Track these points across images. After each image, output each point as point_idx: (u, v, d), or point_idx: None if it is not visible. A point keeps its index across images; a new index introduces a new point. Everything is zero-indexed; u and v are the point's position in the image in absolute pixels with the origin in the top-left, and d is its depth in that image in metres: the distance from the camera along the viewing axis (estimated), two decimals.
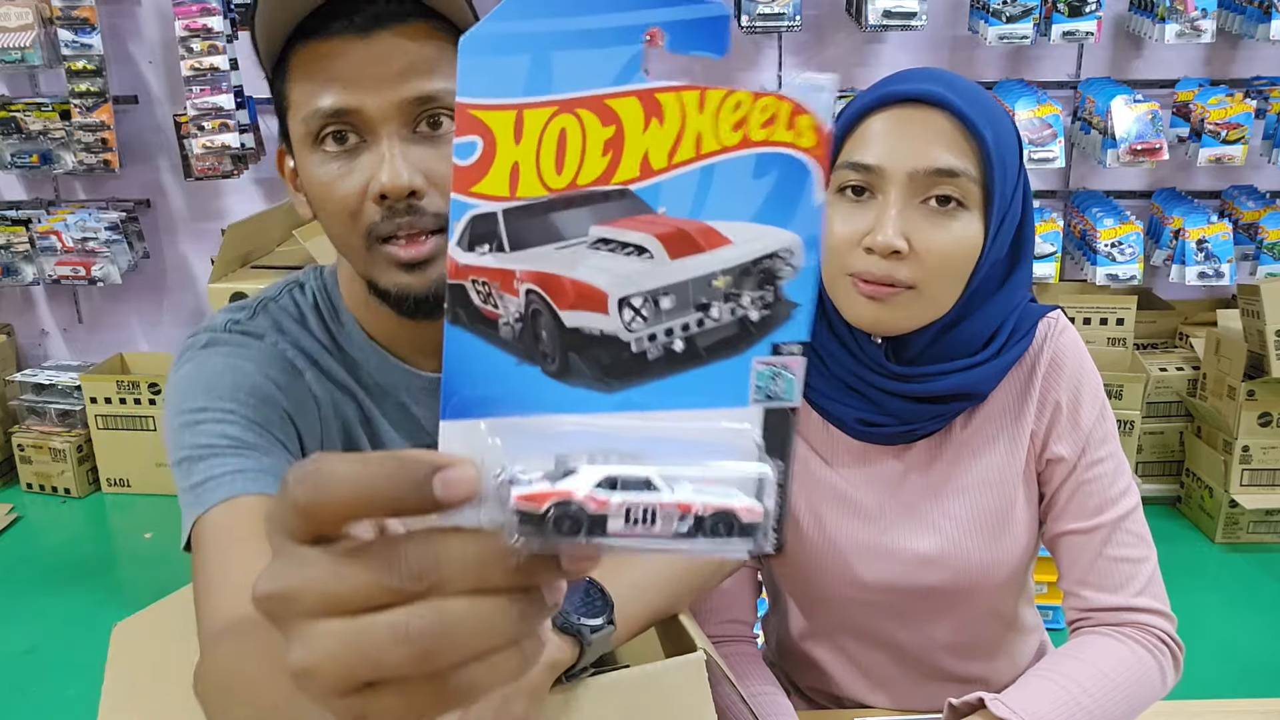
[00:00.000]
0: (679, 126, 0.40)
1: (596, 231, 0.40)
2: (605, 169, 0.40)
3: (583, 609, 0.85)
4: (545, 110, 0.39)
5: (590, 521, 0.38)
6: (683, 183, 0.40)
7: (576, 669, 0.86)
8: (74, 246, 3.51)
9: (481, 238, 0.40)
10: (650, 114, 0.40)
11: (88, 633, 2.79)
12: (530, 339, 0.41)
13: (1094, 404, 1.13)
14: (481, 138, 0.39)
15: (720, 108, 0.40)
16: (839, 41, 3.41)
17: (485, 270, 0.40)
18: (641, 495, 0.38)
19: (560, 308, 0.40)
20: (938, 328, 1.08)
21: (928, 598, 1.16)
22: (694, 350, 0.41)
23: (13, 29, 3.31)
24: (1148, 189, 3.48)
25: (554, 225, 0.40)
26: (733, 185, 0.41)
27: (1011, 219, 1.07)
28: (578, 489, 0.38)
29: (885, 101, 1.03)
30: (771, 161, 0.41)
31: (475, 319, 0.40)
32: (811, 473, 1.17)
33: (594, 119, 0.40)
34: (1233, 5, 3.08)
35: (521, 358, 0.41)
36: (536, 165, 0.40)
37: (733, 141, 0.40)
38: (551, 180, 0.40)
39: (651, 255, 0.41)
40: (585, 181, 0.40)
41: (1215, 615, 2.75)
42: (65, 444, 3.50)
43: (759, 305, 0.41)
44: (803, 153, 0.41)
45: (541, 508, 0.37)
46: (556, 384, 0.41)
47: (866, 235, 1.02)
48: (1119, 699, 1.05)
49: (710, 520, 0.38)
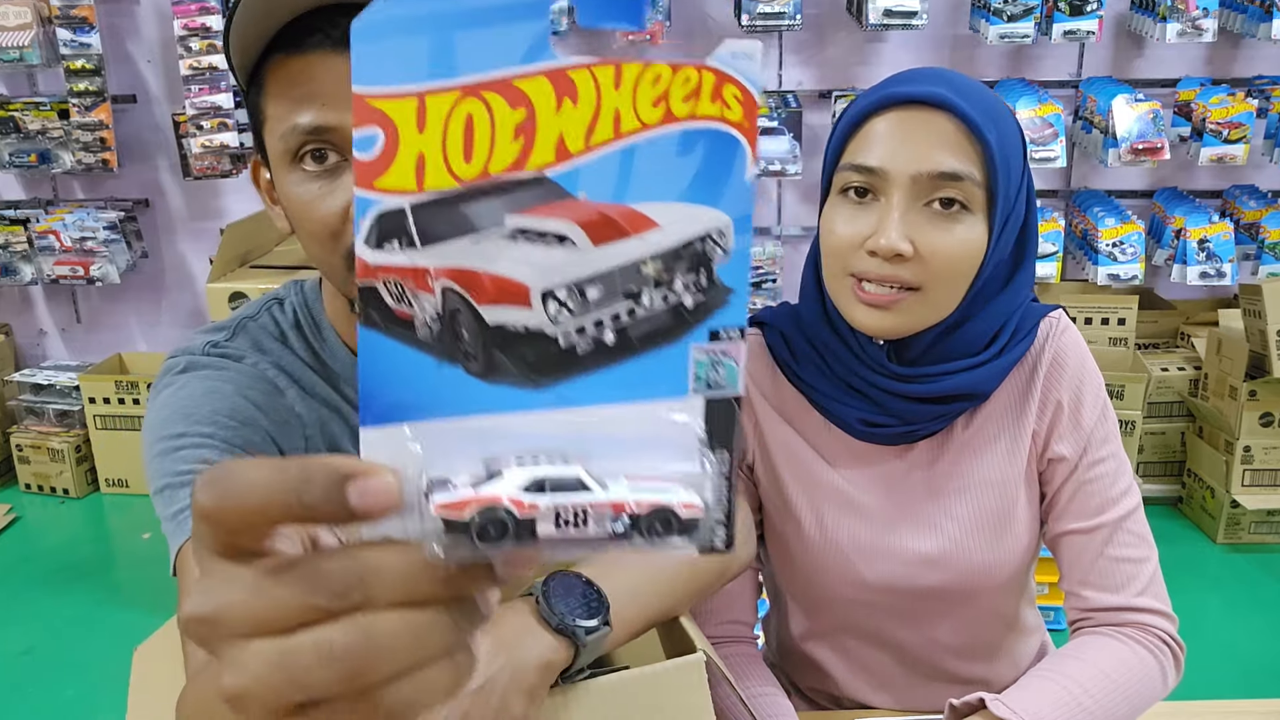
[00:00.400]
0: (594, 105, 0.38)
1: (513, 221, 0.38)
2: (518, 155, 0.38)
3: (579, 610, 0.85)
4: (449, 96, 0.37)
5: (518, 526, 0.36)
6: (602, 165, 0.38)
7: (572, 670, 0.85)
8: (72, 246, 3.51)
9: (390, 234, 0.38)
10: (563, 94, 0.38)
11: (87, 633, 2.79)
12: (450, 338, 0.39)
13: (1095, 403, 1.12)
14: (382, 129, 0.37)
15: (638, 83, 0.38)
16: (839, 41, 3.40)
17: (396, 269, 0.38)
18: (572, 496, 0.37)
19: (480, 304, 0.38)
20: (940, 329, 1.07)
21: (929, 598, 1.15)
22: (626, 341, 0.39)
23: (11, 28, 3.30)
24: (1149, 188, 3.48)
25: (467, 217, 0.38)
26: (656, 165, 0.38)
27: (1015, 220, 1.06)
28: (503, 493, 0.36)
29: (888, 103, 1.02)
30: (697, 137, 0.38)
31: (389, 320, 0.38)
32: (813, 473, 1.16)
33: (502, 102, 0.37)
34: (1234, 4, 3.07)
35: (442, 358, 0.38)
36: (444, 155, 0.37)
37: (654, 118, 0.38)
38: (461, 170, 0.38)
39: (574, 244, 0.38)
40: (497, 169, 0.38)
41: (1216, 616, 2.75)
42: (64, 444, 3.50)
43: (692, 290, 0.39)
44: (730, 126, 0.38)
45: (465, 515, 0.36)
46: (481, 384, 0.39)
47: (869, 238, 1.01)
48: (1120, 699, 1.05)
49: (646, 518, 0.37)
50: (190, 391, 0.95)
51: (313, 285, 1.06)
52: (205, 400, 0.94)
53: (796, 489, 1.17)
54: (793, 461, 1.17)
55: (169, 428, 0.93)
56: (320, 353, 1.03)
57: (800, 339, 1.15)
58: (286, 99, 0.87)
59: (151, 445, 0.94)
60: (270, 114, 0.89)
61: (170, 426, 0.93)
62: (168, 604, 0.90)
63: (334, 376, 1.02)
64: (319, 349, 1.03)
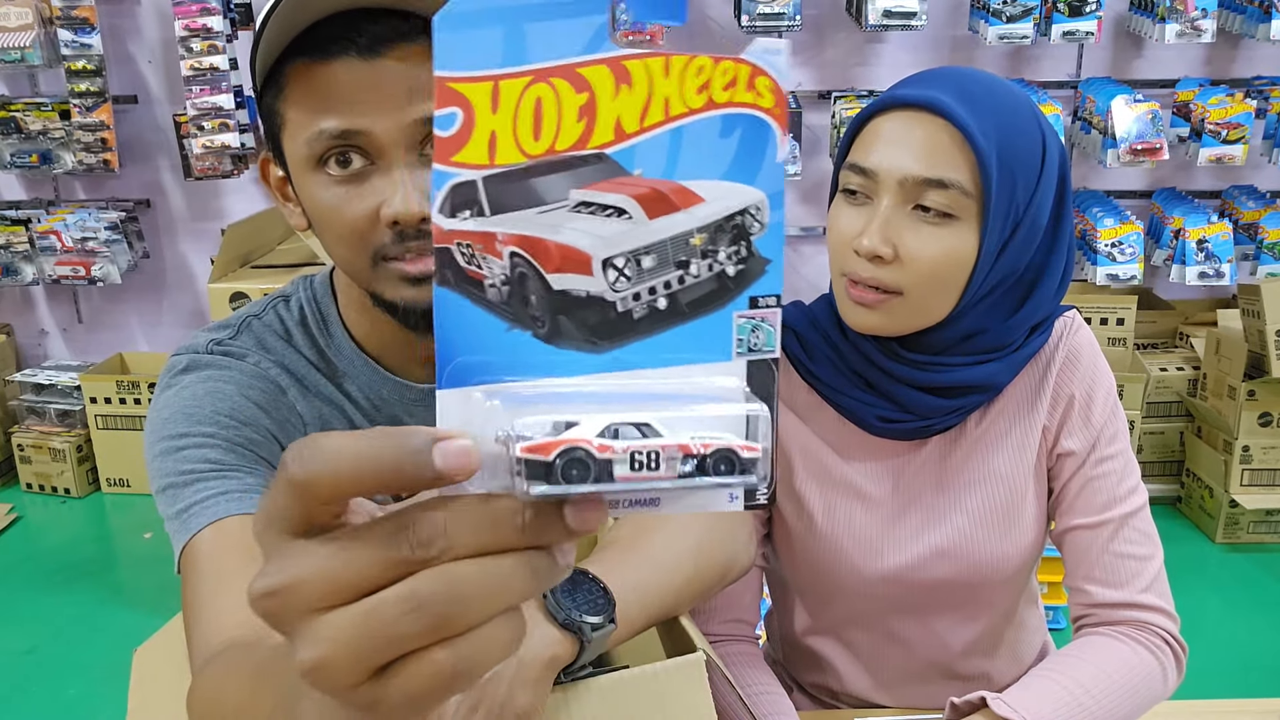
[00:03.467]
0: (647, 91, 0.41)
1: (576, 195, 0.41)
2: (581, 134, 0.41)
3: (585, 606, 0.85)
4: (521, 80, 0.40)
5: (598, 467, 0.39)
6: (655, 145, 0.42)
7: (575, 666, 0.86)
8: (74, 246, 3.51)
9: (462, 205, 0.41)
10: (620, 80, 0.41)
11: (88, 633, 2.79)
12: (519, 302, 0.41)
13: (1107, 401, 1.13)
14: (460, 109, 0.40)
15: (685, 72, 0.42)
16: (839, 41, 3.41)
17: (468, 234, 0.41)
18: (644, 440, 0.39)
19: (547, 270, 0.41)
20: (957, 336, 1.08)
21: (936, 590, 1.16)
22: (677, 307, 0.43)
23: (12, 29, 3.31)
24: (1148, 189, 3.48)
25: (534, 190, 0.41)
26: (701, 145, 0.42)
27: (1030, 227, 1.05)
28: (584, 436, 0.39)
29: (891, 105, 1.03)
30: (735, 121, 0.42)
31: (462, 279, 0.41)
32: (825, 466, 1.17)
33: (567, 87, 0.41)
34: (1233, 5, 3.08)
35: (511, 322, 0.41)
36: (514, 133, 0.41)
37: (698, 104, 0.42)
38: (530, 147, 0.41)
39: (631, 216, 0.42)
40: (563, 147, 0.41)
41: (1215, 615, 2.76)
42: (65, 444, 3.51)
43: (734, 260, 0.43)
44: (763, 112, 0.42)
45: (549, 456, 0.38)
46: (546, 347, 0.42)
47: (857, 237, 1.02)
48: (1121, 700, 1.05)
49: (712, 459, 0.40)
50: (192, 392, 0.95)
51: (322, 280, 1.07)
52: (207, 400, 0.94)
53: (808, 482, 1.18)
54: (805, 455, 1.18)
55: (171, 428, 0.93)
56: (325, 350, 1.03)
57: (815, 335, 1.16)
58: (309, 104, 0.87)
59: (153, 445, 0.94)
60: (290, 118, 0.89)
61: (172, 426, 0.93)
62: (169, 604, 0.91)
63: (337, 373, 1.03)
64: (324, 346, 1.03)
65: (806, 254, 3.59)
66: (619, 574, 0.90)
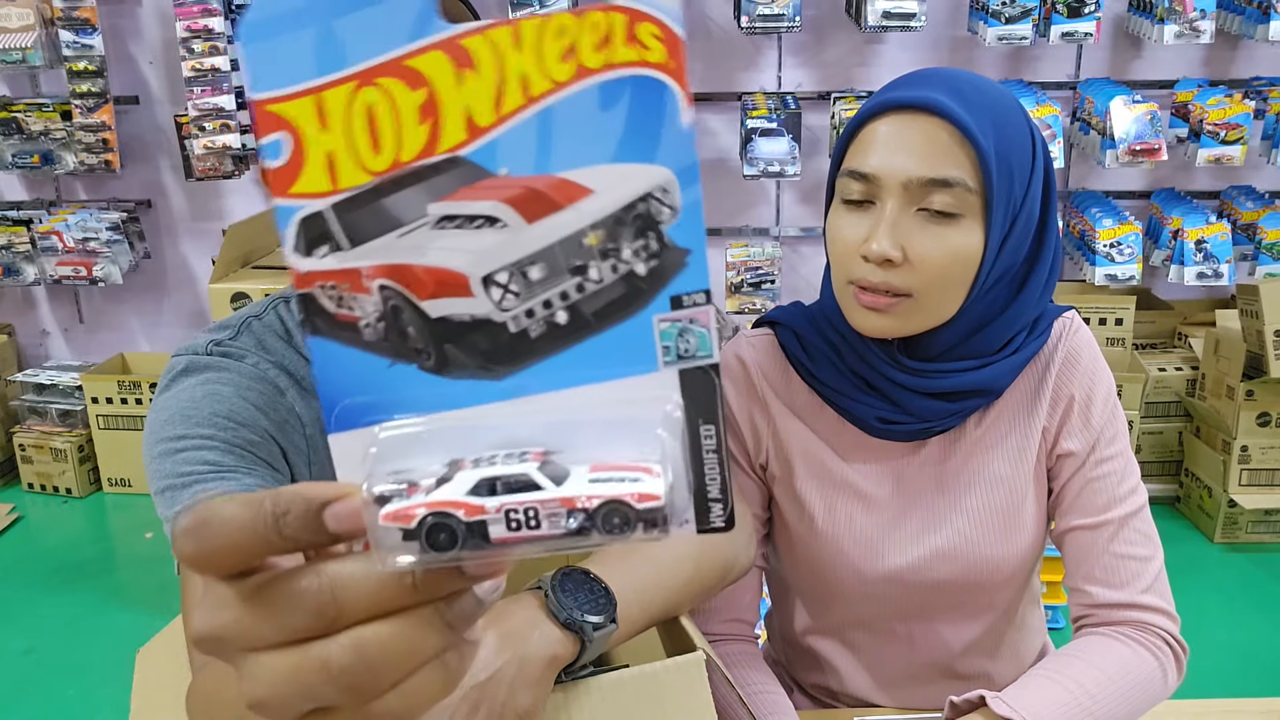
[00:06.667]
0: (497, 72, 0.35)
1: (436, 209, 0.36)
2: (428, 139, 0.35)
3: (586, 606, 0.86)
4: (344, 87, 0.35)
5: (468, 530, 0.35)
6: (519, 135, 0.35)
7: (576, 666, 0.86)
8: (75, 247, 3.51)
9: (317, 240, 0.36)
10: (461, 65, 0.35)
11: (88, 633, 2.80)
12: (397, 336, 0.37)
13: (1106, 402, 1.14)
14: (287, 133, 0.35)
15: (540, 39, 0.35)
16: (838, 42, 3.41)
17: (330, 274, 0.36)
18: (521, 496, 0.35)
19: (420, 298, 0.37)
20: (957, 333, 1.08)
21: (936, 591, 1.17)
22: (581, 319, 0.37)
23: (14, 29, 3.31)
24: (1147, 189, 3.49)
25: (389, 211, 0.36)
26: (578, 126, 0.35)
27: (1027, 222, 1.06)
28: (449, 498, 0.35)
29: (885, 108, 1.03)
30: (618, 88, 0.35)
31: (334, 326, 0.37)
32: (826, 467, 1.18)
33: (399, 85, 0.35)
34: (1231, 6, 3.08)
35: (393, 358, 0.37)
36: (352, 150, 0.35)
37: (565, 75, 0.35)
38: (372, 163, 0.36)
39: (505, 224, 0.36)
40: (409, 157, 0.36)
41: (1214, 615, 2.76)
42: (66, 444, 3.51)
43: (644, 256, 0.36)
44: (654, 69, 0.35)
45: (411, 523, 0.35)
46: (437, 379, 0.37)
47: (864, 243, 1.02)
48: (1121, 700, 1.06)
49: (602, 513, 0.35)
50: (191, 394, 0.96)
51: None
52: (205, 402, 0.95)
53: (809, 483, 1.18)
54: (805, 456, 1.18)
55: (170, 429, 0.94)
56: None
57: (815, 336, 1.16)
58: None
59: (153, 447, 0.95)
60: None
61: (171, 428, 0.94)
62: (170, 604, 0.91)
63: None
64: None
65: (806, 254, 3.59)
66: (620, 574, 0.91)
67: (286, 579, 0.36)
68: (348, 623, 0.36)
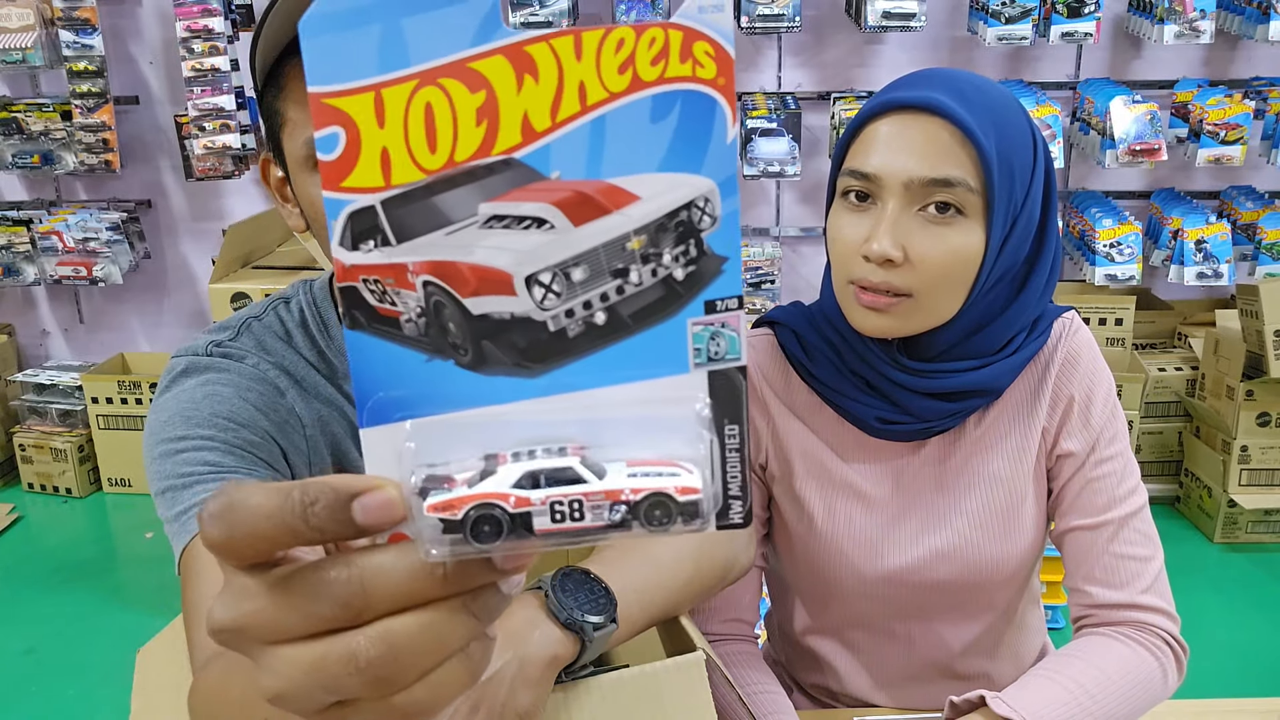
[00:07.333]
0: (557, 79, 0.36)
1: (487, 209, 0.37)
2: (483, 140, 0.36)
3: (587, 606, 0.86)
4: (405, 86, 0.36)
5: (513, 521, 0.36)
6: (573, 141, 0.37)
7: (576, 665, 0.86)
8: (75, 247, 3.51)
9: (364, 234, 0.37)
10: (522, 71, 0.36)
11: (88, 633, 2.80)
12: (437, 332, 0.38)
13: (1106, 402, 1.14)
14: (343, 127, 0.36)
15: (600, 50, 0.36)
16: (838, 42, 3.41)
17: (375, 268, 0.37)
18: (566, 489, 0.36)
19: (463, 296, 0.37)
20: (958, 332, 1.08)
21: (936, 591, 1.17)
22: (618, 320, 0.38)
23: (14, 30, 3.31)
24: (1146, 189, 3.49)
25: (439, 209, 0.37)
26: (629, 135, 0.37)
27: (1027, 222, 1.06)
28: (496, 490, 0.36)
29: (887, 108, 1.03)
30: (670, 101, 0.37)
31: (374, 319, 0.38)
32: (825, 467, 1.18)
33: (460, 87, 0.36)
34: (1231, 6, 3.08)
35: (431, 353, 0.38)
36: (407, 147, 0.36)
37: (621, 86, 0.36)
38: (426, 161, 0.36)
39: (553, 225, 0.37)
40: (463, 157, 0.37)
41: (1214, 615, 2.76)
42: (66, 444, 3.51)
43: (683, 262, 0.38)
44: (705, 85, 0.37)
45: (458, 514, 0.35)
46: (473, 376, 0.38)
47: (865, 242, 1.02)
48: (1121, 701, 1.06)
49: (645, 505, 0.36)
50: (191, 395, 0.96)
51: (321, 284, 1.07)
52: (205, 403, 0.95)
53: (808, 483, 1.18)
54: (805, 456, 1.18)
55: (170, 430, 0.94)
56: (326, 351, 1.04)
57: (815, 336, 1.16)
58: None
59: (153, 448, 0.95)
60: (291, 117, 0.89)
61: (171, 429, 0.94)
62: (170, 604, 0.91)
63: (337, 374, 1.03)
64: (324, 347, 1.04)
65: (806, 254, 3.60)
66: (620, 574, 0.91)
67: (314, 569, 0.36)
68: (375, 615, 0.36)
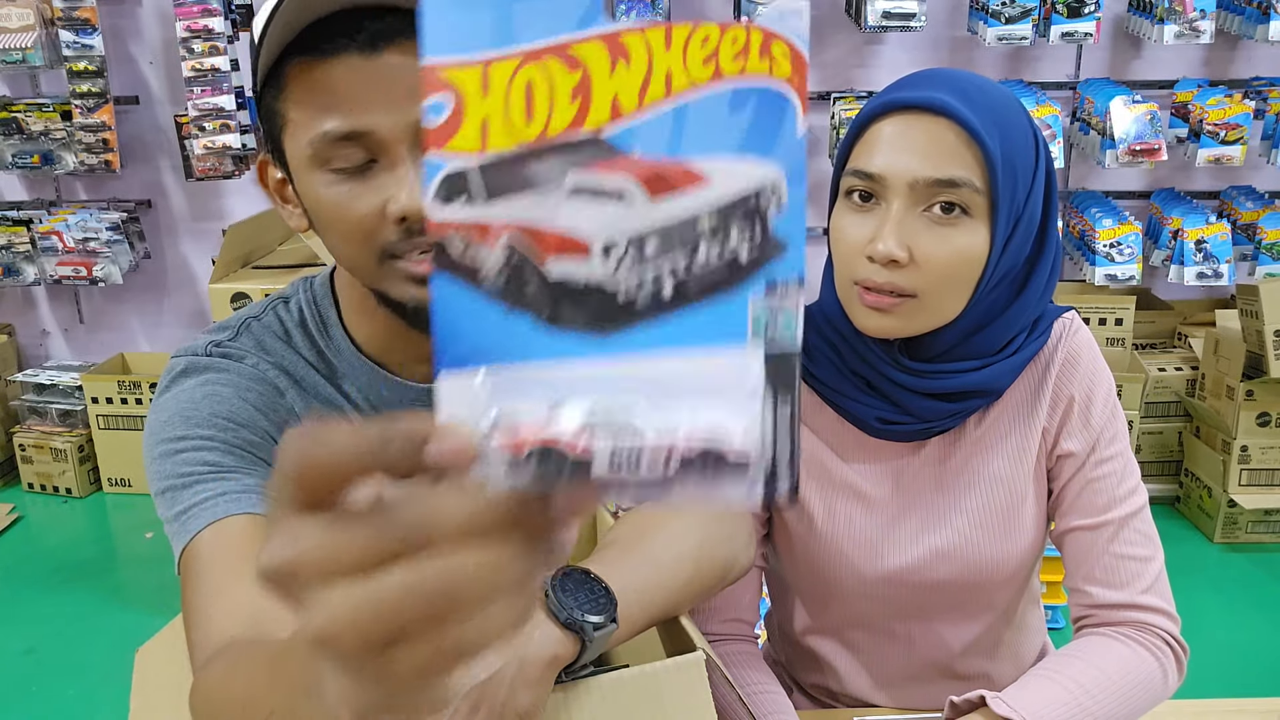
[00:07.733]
0: (646, 66, 0.39)
1: (573, 179, 0.40)
2: (575, 115, 0.39)
3: (587, 606, 0.86)
4: (510, 62, 0.39)
5: (573, 467, 0.37)
6: (656, 123, 0.40)
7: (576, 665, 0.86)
8: (75, 247, 3.52)
9: (456, 193, 0.40)
10: (616, 56, 0.39)
11: (88, 633, 2.80)
12: (516, 288, 0.40)
13: (1106, 403, 1.14)
14: (451, 95, 0.39)
15: (688, 43, 0.39)
16: (838, 42, 3.41)
17: (463, 225, 0.40)
18: (626, 438, 0.38)
19: (543, 258, 0.40)
20: (959, 333, 1.08)
21: (936, 591, 1.17)
22: (684, 293, 0.40)
23: (14, 30, 3.31)
24: (1146, 189, 3.49)
25: (529, 176, 0.40)
26: (708, 122, 0.40)
27: (1029, 222, 1.06)
28: (560, 434, 0.38)
29: (891, 108, 1.03)
30: (747, 94, 0.40)
31: (459, 270, 0.40)
32: (825, 467, 1.18)
33: (560, 66, 0.39)
34: (1231, 6, 3.08)
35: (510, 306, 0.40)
36: (506, 118, 0.39)
37: (704, 77, 0.40)
38: (522, 132, 0.39)
39: (632, 199, 0.40)
40: (556, 130, 0.39)
41: (1214, 615, 2.76)
42: (66, 444, 3.51)
43: (748, 243, 0.41)
44: (780, 82, 0.40)
45: (523, 454, 0.37)
46: (548, 331, 0.40)
47: (870, 243, 1.02)
48: (1121, 701, 1.06)
49: (698, 462, 0.38)
50: (190, 395, 0.96)
51: (322, 282, 1.07)
52: (205, 403, 0.95)
53: (808, 483, 1.18)
54: (805, 457, 1.18)
55: (169, 430, 0.94)
56: (325, 350, 1.04)
57: (815, 337, 1.16)
58: (311, 103, 0.87)
59: (152, 448, 0.95)
60: (292, 118, 0.89)
61: (171, 429, 0.94)
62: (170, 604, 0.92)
63: (336, 374, 1.03)
64: (324, 347, 1.04)
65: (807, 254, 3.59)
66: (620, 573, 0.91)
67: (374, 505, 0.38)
68: (434, 549, 0.37)
